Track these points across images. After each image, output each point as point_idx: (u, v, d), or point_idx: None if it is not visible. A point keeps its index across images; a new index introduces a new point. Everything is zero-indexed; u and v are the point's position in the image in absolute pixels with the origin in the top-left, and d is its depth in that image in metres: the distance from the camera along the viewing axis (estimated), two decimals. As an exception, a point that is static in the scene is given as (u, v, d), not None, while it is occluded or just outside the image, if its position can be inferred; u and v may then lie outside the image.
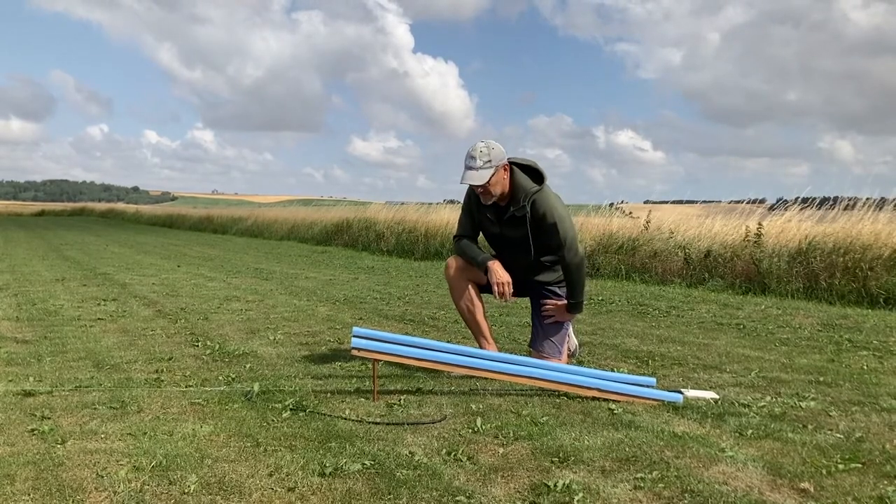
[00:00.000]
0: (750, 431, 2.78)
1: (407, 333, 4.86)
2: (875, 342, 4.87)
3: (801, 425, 2.89)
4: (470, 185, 3.69)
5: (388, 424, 2.82)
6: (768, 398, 3.34)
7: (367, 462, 2.38)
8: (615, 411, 3.04)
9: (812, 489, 2.20)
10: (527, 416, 2.95)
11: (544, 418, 2.91)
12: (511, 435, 2.70)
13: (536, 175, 3.73)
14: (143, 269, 9.90)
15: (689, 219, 10.02)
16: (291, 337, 4.72)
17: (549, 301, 3.84)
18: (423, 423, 2.84)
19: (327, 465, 2.34)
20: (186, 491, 2.12)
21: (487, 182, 3.56)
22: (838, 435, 2.76)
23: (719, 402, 3.24)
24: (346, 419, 2.88)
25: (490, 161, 3.57)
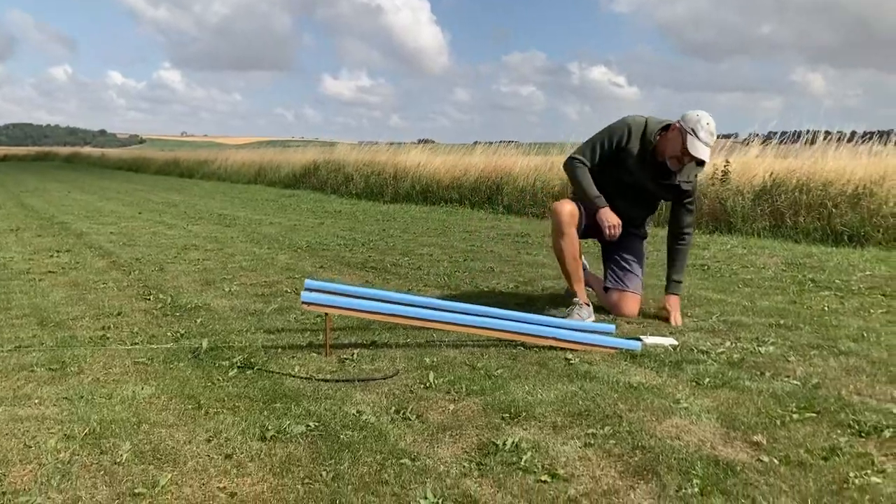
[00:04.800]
0: (707, 380, 2.73)
1: (367, 282, 4.76)
2: (837, 281, 4.86)
3: (758, 372, 2.85)
4: (646, 141, 3.66)
5: (337, 381, 2.74)
6: (728, 343, 3.30)
7: (311, 423, 2.30)
8: (572, 361, 2.98)
9: (765, 442, 2.16)
10: (481, 368, 2.88)
11: (499, 371, 2.84)
12: (463, 390, 2.63)
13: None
14: (103, 217, 9.66)
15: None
16: (247, 288, 4.60)
17: (672, 315, 3.72)
18: (374, 380, 2.76)
19: (269, 427, 2.26)
20: (118, 460, 2.03)
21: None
22: (795, 382, 2.72)
23: (678, 349, 3.20)
24: (294, 377, 2.79)
25: (714, 138, 3.55)
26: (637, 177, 3.71)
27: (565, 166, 3.82)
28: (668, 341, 3.31)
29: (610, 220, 3.63)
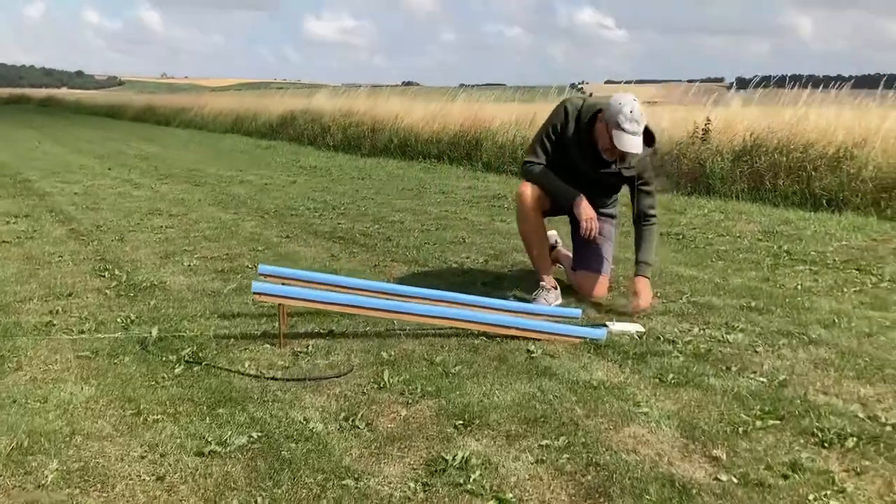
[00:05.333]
0: (671, 376, 2.65)
1: (332, 255, 4.63)
2: (813, 253, 4.77)
3: (724, 367, 2.77)
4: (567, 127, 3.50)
5: (287, 381, 2.63)
6: (696, 330, 3.22)
7: (254, 434, 2.19)
8: (533, 354, 2.88)
9: (724, 457, 2.08)
10: (439, 364, 2.77)
11: (457, 367, 2.73)
12: (418, 390, 2.52)
13: (647, 134, 3.46)
14: (71, 173, 9.40)
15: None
16: (208, 262, 4.45)
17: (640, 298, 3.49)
18: (327, 378, 2.65)
19: (210, 439, 2.15)
20: (42, 483, 1.92)
21: None
22: (761, 379, 2.64)
23: (644, 337, 3.11)
24: (243, 374, 2.68)
25: (644, 123, 3.33)
26: (581, 166, 3.55)
27: (522, 174, 3.68)
28: (635, 328, 3.22)
29: (586, 213, 3.49)
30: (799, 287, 3.94)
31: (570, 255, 3.93)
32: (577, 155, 3.53)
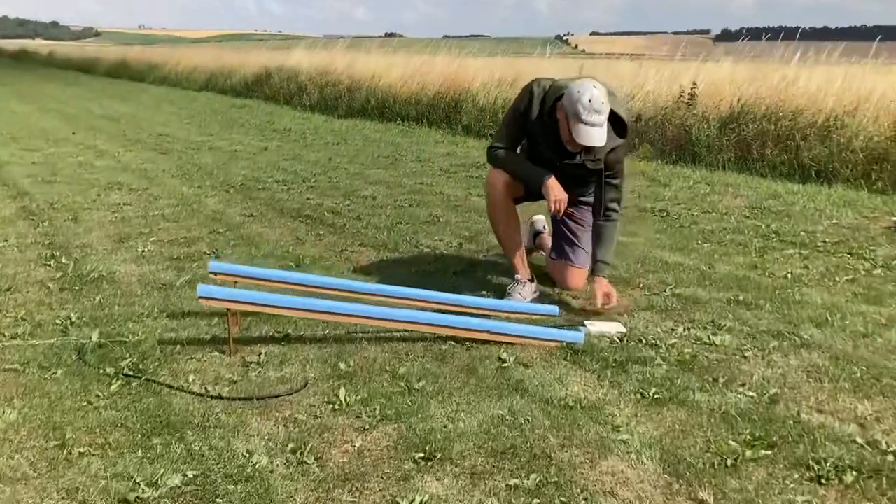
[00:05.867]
0: (653, 391, 2.43)
1: (297, 238, 4.36)
2: (803, 233, 4.56)
3: (711, 378, 2.56)
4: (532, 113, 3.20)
5: (233, 400, 2.39)
6: (680, 330, 3.01)
7: (189, 473, 1.96)
8: (505, 364, 2.65)
9: (711, 500, 1.87)
10: (402, 377, 2.54)
11: (421, 382, 2.50)
12: (377, 413, 2.30)
13: (619, 124, 3.15)
14: (33, 138, 9.01)
15: (622, 77, 9.41)
16: (164, 247, 4.18)
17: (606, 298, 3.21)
18: (277, 397, 2.42)
19: (139, 480, 1.92)
20: (-61, 545, 1.68)
21: None
22: (751, 393, 2.44)
23: (625, 339, 2.89)
24: (185, 392, 2.44)
25: (606, 113, 3.00)
26: (545, 153, 3.27)
27: (488, 160, 3.40)
28: (615, 328, 3.00)
29: (555, 193, 3.21)
30: (789, 276, 3.72)
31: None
32: (542, 142, 3.26)
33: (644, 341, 2.88)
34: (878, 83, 7.14)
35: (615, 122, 3.10)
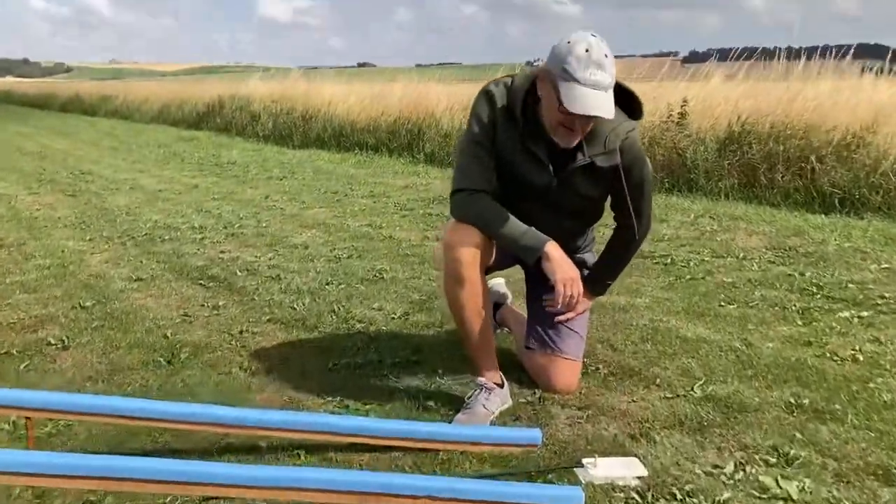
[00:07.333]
0: None
1: (186, 314, 3.23)
2: (851, 285, 3.52)
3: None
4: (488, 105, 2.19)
5: None
6: (729, 468, 1.92)
7: None
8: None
9: None
10: None
11: None
12: None
13: (625, 97, 2.13)
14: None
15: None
16: (3, 331, 3.05)
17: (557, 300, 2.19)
18: None
19: None
20: None
21: None
22: None
23: (647, 492, 1.81)
24: None
25: (612, 70, 1.96)
26: (542, 173, 2.20)
27: (453, 211, 2.24)
28: (631, 470, 1.92)
29: (562, 271, 2.12)
30: (859, 357, 2.66)
31: (524, 319, 2.62)
32: (520, 157, 2.19)
33: (678, 493, 1.80)
34: (894, 96, 6.20)
35: (622, 97, 2.06)
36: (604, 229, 2.55)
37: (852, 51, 7.48)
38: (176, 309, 3.31)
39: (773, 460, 1.96)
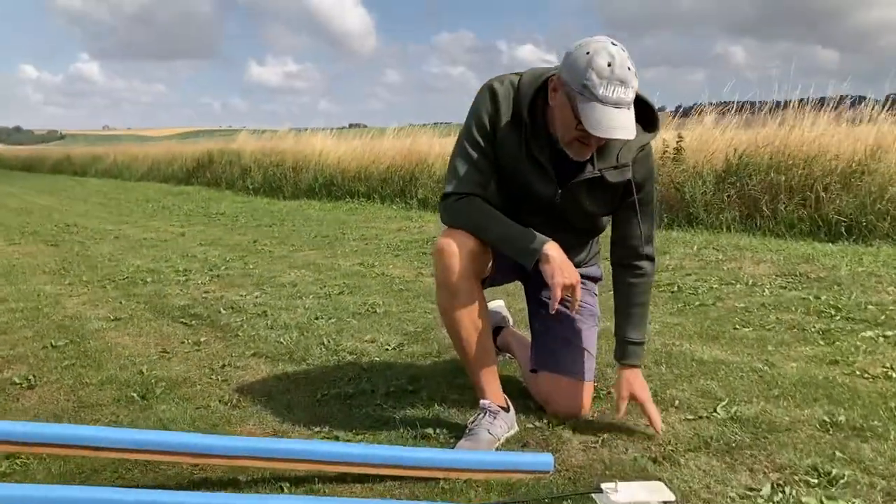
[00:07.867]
0: None
1: (164, 351, 3.01)
2: (870, 307, 3.34)
3: None
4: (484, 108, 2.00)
5: None
6: (766, 490, 1.71)
7: None
8: None
9: None
10: None
11: None
12: None
13: (643, 110, 1.93)
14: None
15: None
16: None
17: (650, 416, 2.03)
18: None
19: None
20: None
21: None
22: None
23: (679, 522, 1.58)
24: None
25: (635, 85, 1.78)
26: (548, 184, 2.02)
27: (444, 217, 2.07)
28: (659, 497, 1.70)
29: (562, 272, 1.90)
30: (892, 374, 2.47)
31: (528, 343, 2.41)
32: (522, 165, 2.01)
33: (713, 523, 1.58)
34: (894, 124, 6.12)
35: (636, 105, 1.86)
36: (605, 237, 2.36)
37: (847, 101, 7.41)
38: (154, 346, 3.09)
39: (815, 481, 1.74)
